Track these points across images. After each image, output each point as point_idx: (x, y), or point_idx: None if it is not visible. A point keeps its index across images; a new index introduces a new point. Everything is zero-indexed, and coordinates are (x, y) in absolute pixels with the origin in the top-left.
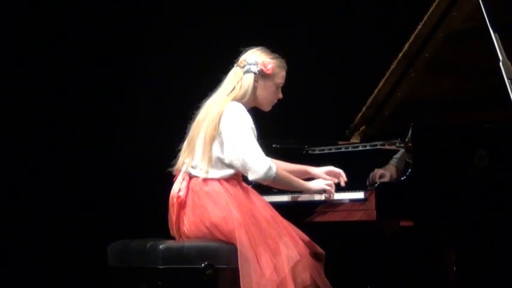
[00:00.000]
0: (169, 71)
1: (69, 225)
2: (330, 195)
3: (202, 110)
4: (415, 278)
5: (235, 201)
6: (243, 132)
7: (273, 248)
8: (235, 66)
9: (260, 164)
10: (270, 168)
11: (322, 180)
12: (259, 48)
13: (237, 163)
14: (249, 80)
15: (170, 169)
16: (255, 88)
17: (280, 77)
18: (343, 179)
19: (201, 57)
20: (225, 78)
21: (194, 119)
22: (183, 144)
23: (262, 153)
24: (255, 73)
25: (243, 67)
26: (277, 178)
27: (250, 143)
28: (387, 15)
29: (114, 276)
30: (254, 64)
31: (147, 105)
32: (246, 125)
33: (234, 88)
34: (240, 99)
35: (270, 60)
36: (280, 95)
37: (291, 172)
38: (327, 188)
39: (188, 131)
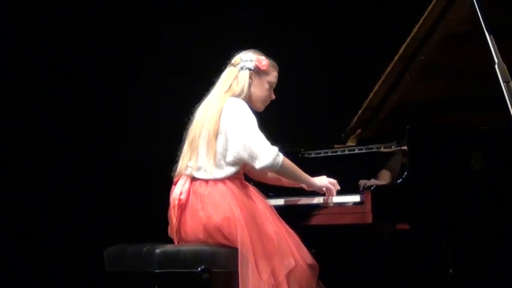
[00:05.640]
0: (167, 73)
1: (66, 230)
2: (330, 195)
3: (199, 113)
4: (411, 281)
5: (238, 202)
6: (247, 123)
7: (270, 253)
8: (228, 66)
9: (267, 152)
10: (277, 155)
11: (326, 178)
12: (251, 49)
13: (244, 153)
14: (244, 76)
15: (172, 174)
16: (250, 85)
17: (273, 76)
18: (336, 189)
19: (198, 60)
20: (218, 79)
21: (191, 123)
22: (181, 150)
23: (268, 142)
24: (250, 69)
25: (237, 65)
26: (283, 166)
27: (255, 132)
28: (383, 18)
29: (111, 280)
30: (249, 61)
31: (144, 108)
32: (249, 116)
33: (230, 86)
34: (237, 96)
35: (264, 58)
36: (273, 96)
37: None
38: (330, 186)
39: (186, 136)
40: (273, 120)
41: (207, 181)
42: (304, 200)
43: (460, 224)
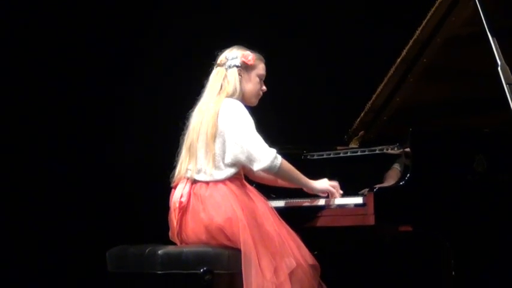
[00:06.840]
0: (167, 74)
1: (68, 231)
2: (332, 197)
3: (194, 117)
4: (414, 284)
5: (239, 203)
6: (244, 125)
7: (273, 252)
8: (215, 67)
9: (265, 154)
10: (275, 158)
11: (327, 181)
12: (234, 46)
13: (241, 156)
14: (234, 74)
15: (171, 180)
16: (240, 82)
17: (261, 68)
18: (338, 192)
19: (199, 60)
20: (207, 82)
21: (187, 128)
22: (179, 155)
23: (266, 144)
24: (237, 66)
25: (224, 64)
26: (281, 169)
27: (253, 134)
28: (386, 20)
29: (113, 281)
30: (235, 58)
31: (144, 111)
32: (246, 118)
33: (222, 86)
34: (231, 96)
35: (249, 52)
36: (264, 88)
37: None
38: (331, 189)
39: (183, 141)
40: (275, 122)
41: (207, 183)
42: (305, 202)
43: (462, 226)
